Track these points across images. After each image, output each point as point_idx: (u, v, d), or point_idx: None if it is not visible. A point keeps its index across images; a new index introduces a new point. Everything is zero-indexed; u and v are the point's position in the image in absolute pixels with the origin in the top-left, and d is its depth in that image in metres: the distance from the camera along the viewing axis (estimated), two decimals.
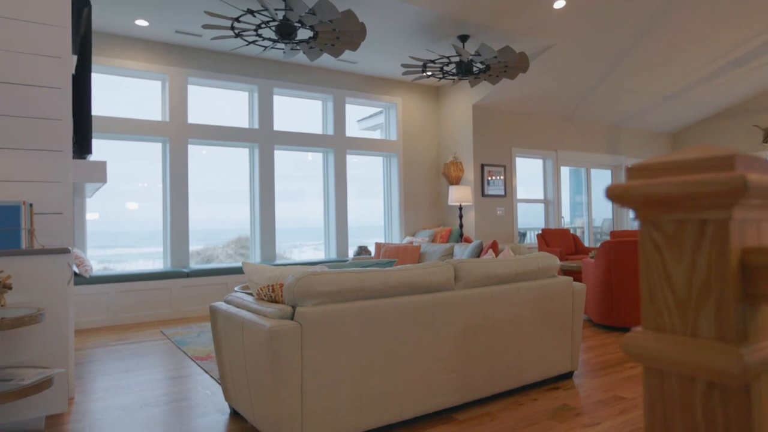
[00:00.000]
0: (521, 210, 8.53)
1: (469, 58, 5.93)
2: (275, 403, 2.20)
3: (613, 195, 0.61)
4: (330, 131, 7.61)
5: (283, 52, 5.58)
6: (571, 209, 9.77)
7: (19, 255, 2.62)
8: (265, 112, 7.02)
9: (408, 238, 7.73)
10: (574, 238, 8.23)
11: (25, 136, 2.90)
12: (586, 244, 9.49)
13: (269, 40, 5.18)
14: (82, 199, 5.63)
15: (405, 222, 8.12)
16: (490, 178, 7.96)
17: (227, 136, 6.77)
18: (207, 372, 3.70)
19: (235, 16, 5.08)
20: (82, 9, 3.43)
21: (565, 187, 9.38)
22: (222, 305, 2.77)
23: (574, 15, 5.92)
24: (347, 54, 6.81)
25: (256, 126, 7.02)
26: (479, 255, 6.20)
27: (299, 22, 4.85)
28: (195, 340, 4.69)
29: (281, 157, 7.26)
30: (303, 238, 7.81)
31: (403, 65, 6.01)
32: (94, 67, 5.81)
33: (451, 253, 6.65)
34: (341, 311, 2.36)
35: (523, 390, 3.17)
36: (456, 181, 8.00)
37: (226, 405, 3.01)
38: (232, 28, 4.96)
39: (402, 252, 6.92)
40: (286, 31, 4.96)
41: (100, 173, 3.23)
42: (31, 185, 2.90)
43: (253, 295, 2.72)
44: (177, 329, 5.22)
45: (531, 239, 8.95)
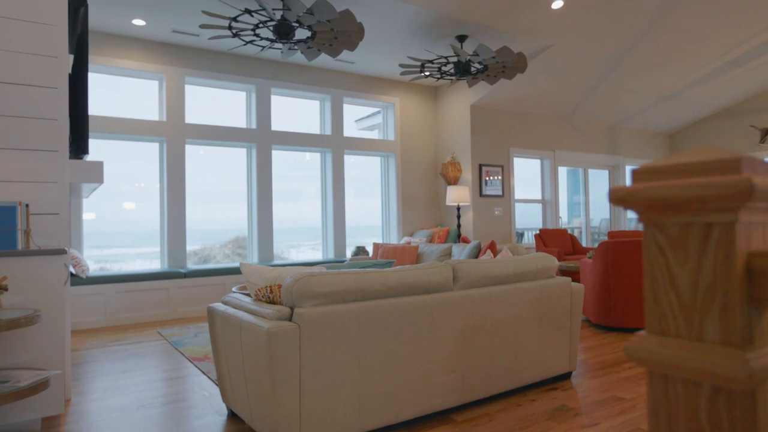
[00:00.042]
0: (519, 210, 8.54)
1: (467, 58, 5.93)
2: (273, 404, 2.19)
3: (617, 198, 0.60)
4: (328, 131, 7.60)
5: (281, 52, 5.57)
6: (569, 209, 9.78)
7: (15, 256, 2.61)
8: (263, 112, 7.01)
9: (406, 239, 7.72)
10: (572, 238, 8.23)
11: (21, 136, 2.88)
12: (584, 244, 9.50)
13: (267, 39, 5.17)
14: (78, 199, 5.61)
15: (403, 222, 8.11)
16: (488, 178, 7.96)
17: (224, 136, 6.75)
18: (204, 373, 3.68)
19: (232, 15, 5.07)
20: (78, 8, 3.42)
21: (562, 188, 9.39)
22: (220, 306, 2.76)
23: (572, 15, 5.93)
24: (345, 54, 6.81)
25: (253, 126, 7.00)
26: (477, 255, 6.20)
27: (297, 21, 4.84)
28: (192, 341, 4.67)
29: (279, 157, 7.24)
30: (300, 239, 7.79)
31: (401, 65, 6.00)
32: (90, 66, 5.80)
33: (449, 254, 6.65)
34: (340, 312, 2.35)
35: (522, 391, 3.17)
36: (454, 181, 8.00)
37: (224, 406, 3.00)
38: (230, 27, 4.95)
39: (400, 252, 6.91)
40: (283, 31, 4.95)
41: (96, 173, 3.22)
42: (28, 185, 2.88)
43: (250, 295, 2.71)
44: (174, 330, 5.20)
45: (529, 239, 8.96)
